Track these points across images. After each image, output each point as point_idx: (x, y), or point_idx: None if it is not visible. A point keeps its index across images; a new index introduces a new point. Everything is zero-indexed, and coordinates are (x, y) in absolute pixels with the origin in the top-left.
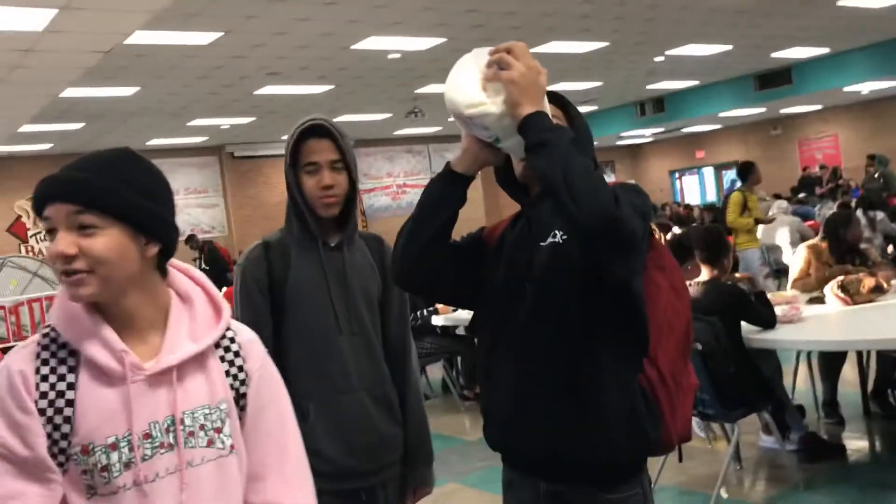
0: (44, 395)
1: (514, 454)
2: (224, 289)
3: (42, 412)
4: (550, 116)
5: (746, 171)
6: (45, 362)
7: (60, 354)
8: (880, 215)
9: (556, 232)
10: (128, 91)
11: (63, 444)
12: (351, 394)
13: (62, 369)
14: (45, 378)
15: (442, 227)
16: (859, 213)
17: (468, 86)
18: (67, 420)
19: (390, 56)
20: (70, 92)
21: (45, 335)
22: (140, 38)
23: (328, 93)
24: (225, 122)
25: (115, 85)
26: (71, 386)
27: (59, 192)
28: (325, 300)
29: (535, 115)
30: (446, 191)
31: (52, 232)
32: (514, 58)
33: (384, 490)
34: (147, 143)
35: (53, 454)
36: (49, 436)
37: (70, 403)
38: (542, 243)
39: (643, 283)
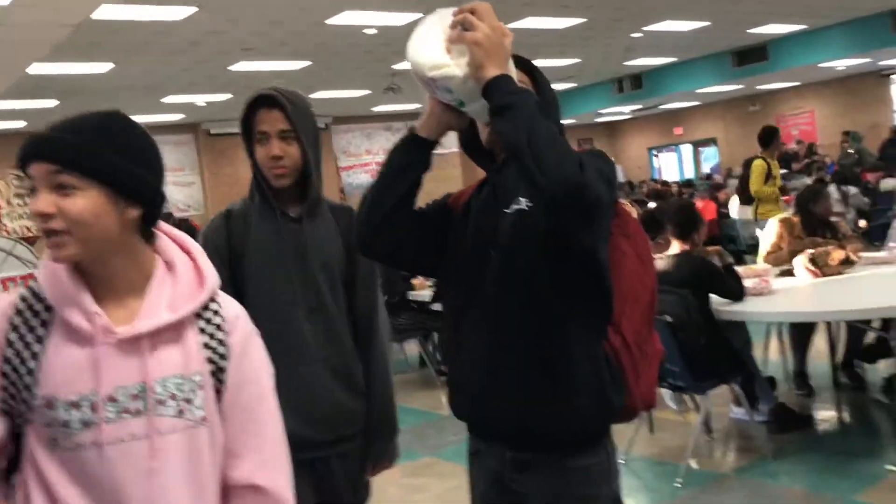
0: (10, 343)
1: (482, 424)
2: None
3: (7, 360)
4: (516, 80)
5: (769, 137)
6: (19, 313)
7: (37, 308)
8: (853, 190)
9: (521, 199)
10: (102, 67)
11: (25, 394)
12: (308, 365)
13: (35, 323)
14: (15, 328)
15: (405, 194)
16: (833, 188)
17: (431, 47)
18: (30, 372)
19: (367, 31)
20: (42, 68)
21: (28, 289)
22: (112, 13)
23: (305, 69)
24: (201, 98)
25: (88, 61)
26: (40, 340)
27: (39, 151)
28: (282, 272)
29: (500, 77)
30: (410, 156)
31: (33, 191)
32: (477, 18)
33: (342, 461)
34: None
35: (12, 400)
36: (10, 383)
37: (35, 356)
38: (506, 210)
39: (608, 251)
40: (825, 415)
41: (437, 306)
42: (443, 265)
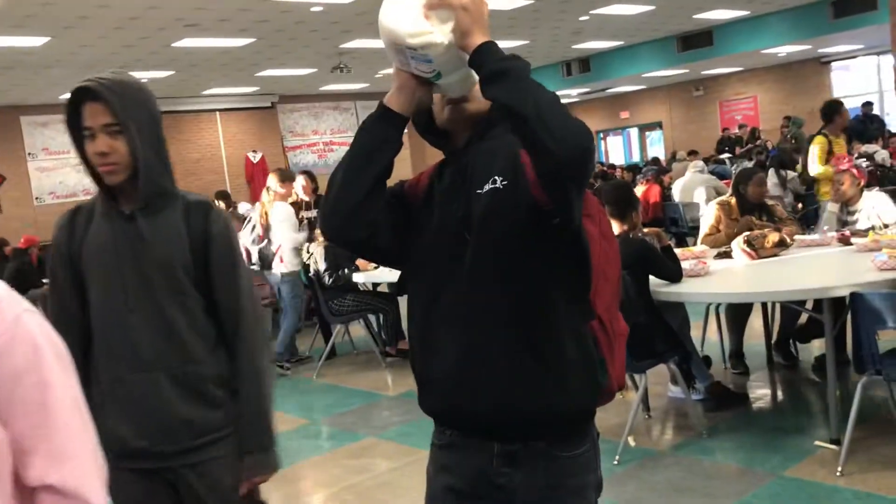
0: None
1: (464, 418)
2: None
3: None
4: None
5: (831, 112)
6: None
7: None
8: (791, 174)
9: (496, 177)
10: (37, 41)
11: None
12: (144, 373)
13: None
14: None
15: (380, 175)
16: (771, 172)
17: (410, 13)
18: None
19: (313, 9)
20: None
21: None
22: None
23: (249, 46)
24: (143, 75)
25: (22, 34)
26: None
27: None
28: (115, 273)
29: (489, 43)
30: (384, 133)
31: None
32: None
33: (199, 473)
34: (60, 98)
35: None
36: None
37: None
38: (479, 190)
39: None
40: (759, 393)
41: (382, 287)
42: (406, 257)
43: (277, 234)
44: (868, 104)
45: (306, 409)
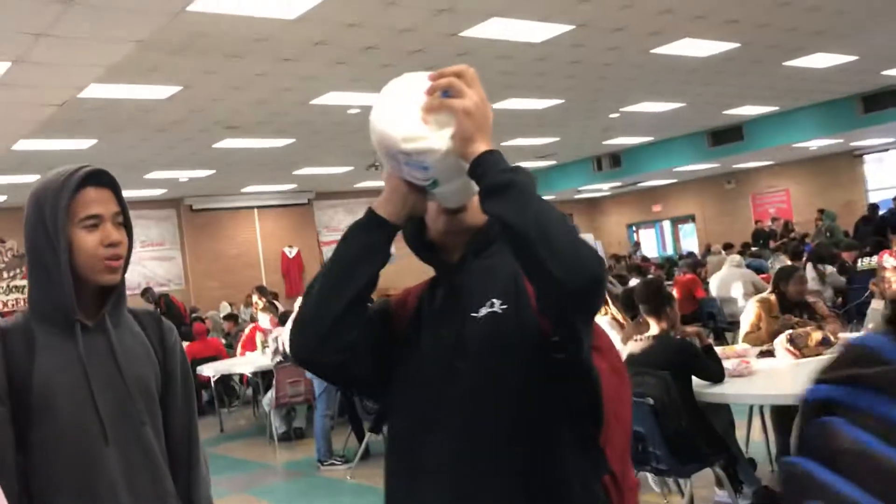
0: None
1: None
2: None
3: None
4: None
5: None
6: None
7: None
8: (830, 269)
9: (494, 300)
10: (84, 144)
11: None
12: None
13: None
14: None
15: (361, 292)
16: (809, 266)
17: (406, 116)
18: None
19: (350, 111)
20: (25, 144)
21: None
22: (97, 91)
23: (288, 146)
24: (183, 174)
25: (71, 138)
26: None
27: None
28: (84, 401)
29: (492, 153)
30: (370, 242)
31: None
32: (465, 84)
33: None
34: None
35: None
36: None
37: None
38: (474, 314)
39: None
40: None
41: None
42: (389, 388)
43: None
44: None
45: None
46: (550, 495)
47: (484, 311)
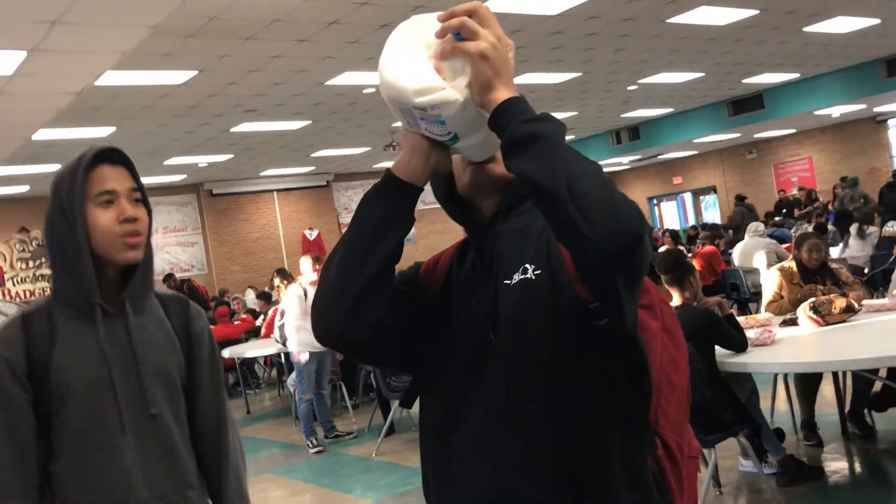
0: None
1: None
2: None
3: None
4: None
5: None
6: None
7: None
8: (871, 229)
9: (527, 265)
10: (103, 132)
11: None
12: None
13: None
14: None
15: (384, 263)
16: (854, 228)
17: (416, 65)
18: None
19: (366, 91)
20: (44, 134)
21: None
22: (113, 78)
23: (305, 128)
24: (202, 159)
25: (89, 125)
26: None
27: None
28: (102, 388)
29: (514, 100)
30: (391, 208)
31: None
32: (479, 23)
33: None
34: None
35: None
36: None
37: None
38: (507, 281)
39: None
40: (835, 466)
41: None
42: (420, 362)
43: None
44: None
45: (369, 489)
46: (592, 478)
47: (517, 277)
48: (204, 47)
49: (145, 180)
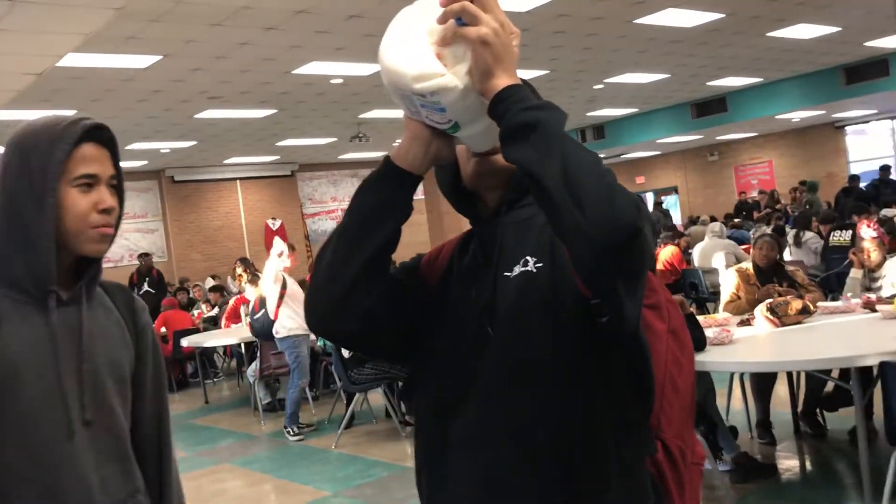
0: None
1: None
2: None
3: None
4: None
5: None
6: None
7: None
8: (808, 234)
9: (528, 258)
10: (63, 115)
11: None
12: None
13: None
14: None
15: (379, 252)
16: (791, 234)
17: (417, 50)
18: None
19: (333, 81)
20: (2, 115)
21: None
22: (75, 60)
23: (271, 117)
24: (165, 146)
25: (49, 108)
26: None
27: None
28: (51, 383)
29: (514, 88)
30: (389, 195)
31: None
32: (480, 8)
33: None
34: None
35: None
36: None
37: None
38: (507, 273)
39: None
40: (788, 463)
41: None
42: (417, 354)
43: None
44: (886, 168)
45: (326, 481)
46: (586, 477)
47: (517, 269)
48: (170, 32)
49: None
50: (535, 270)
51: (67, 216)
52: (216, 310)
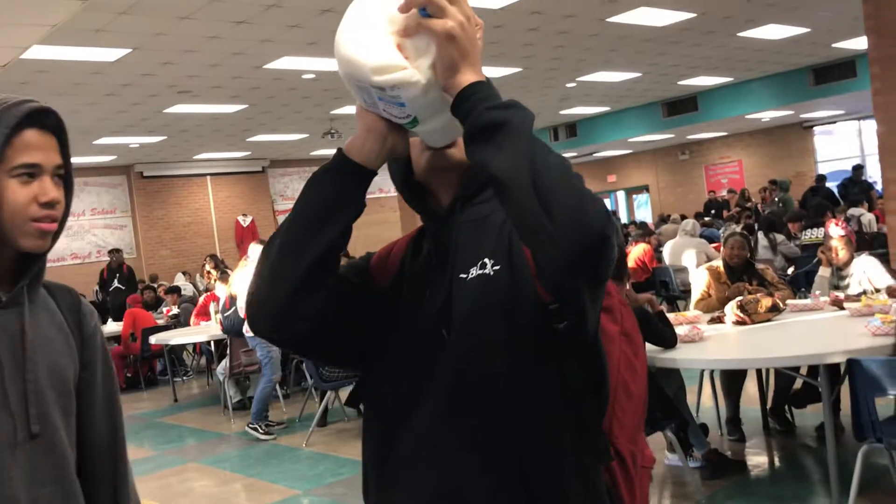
0: None
1: None
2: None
3: None
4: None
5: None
6: None
7: None
8: (780, 237)
9: (485, 260)
10: (5, 96)
11: None
12: None
13: None
14: None
15: (330, 247)
16: (761, 235)
17: (376, 40)
18: None
19: (305, 76)
20: None
21: None
22: (41, 52)
23: (241, 112)
24: (134, 140)
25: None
26: None
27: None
28: None
29: (479, 84)
30: (341, 191)
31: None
32: (447, 0)
33: None
34: None
35: None
36: None
37: None
38: (462, 276)
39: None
40: (757, 460)
41: None
42: (367, 357)
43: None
44: (858, 167)
45: (296, 479)
46: (544, 486)
47: (473, 271)
48: (138, 24)
49: (73, 160)
50: (492, 273)
51: (5, 209)
52: (176, 308)
